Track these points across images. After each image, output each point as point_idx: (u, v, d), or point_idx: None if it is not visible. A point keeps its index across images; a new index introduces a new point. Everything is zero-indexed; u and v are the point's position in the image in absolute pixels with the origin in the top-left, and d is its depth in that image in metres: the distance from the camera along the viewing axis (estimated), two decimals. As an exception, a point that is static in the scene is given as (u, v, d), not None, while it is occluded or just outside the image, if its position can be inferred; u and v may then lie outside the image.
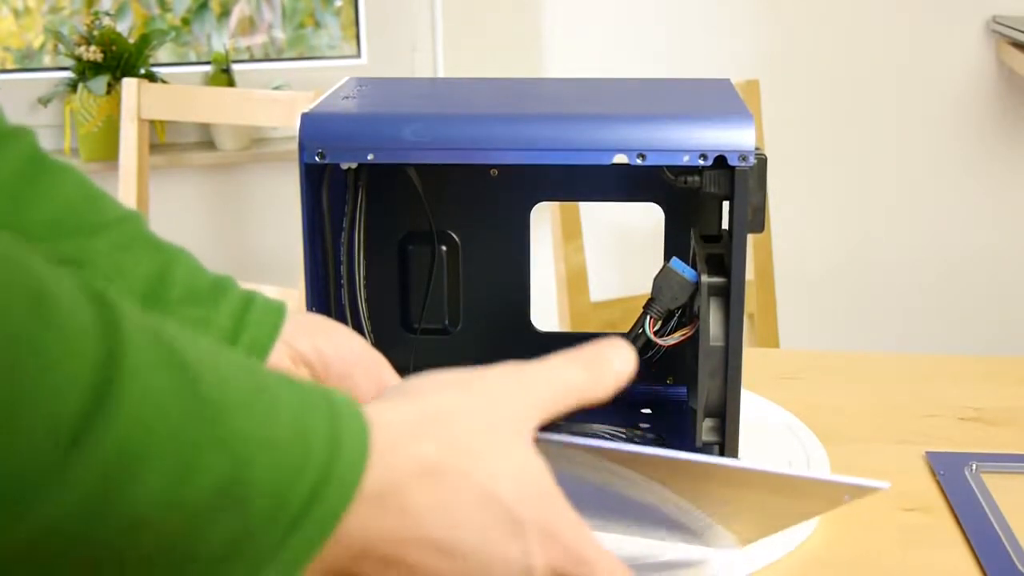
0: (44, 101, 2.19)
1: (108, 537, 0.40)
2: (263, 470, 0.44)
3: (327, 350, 0.74)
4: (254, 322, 0.73)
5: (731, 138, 0.79)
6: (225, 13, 2.39)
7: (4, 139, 0.69)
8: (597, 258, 2.08)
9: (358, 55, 2.37)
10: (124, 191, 1.99)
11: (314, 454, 0.46)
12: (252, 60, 2.41)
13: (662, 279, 0.84)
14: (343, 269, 0.91)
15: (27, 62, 2.37)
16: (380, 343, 0.94)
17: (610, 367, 0.59)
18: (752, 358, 1.07)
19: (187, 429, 0.41)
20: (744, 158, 0.79)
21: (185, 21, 2.38)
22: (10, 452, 0.36)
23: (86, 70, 2.16)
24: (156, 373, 0.41)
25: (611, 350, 0.59)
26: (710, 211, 0.94)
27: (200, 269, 0.74)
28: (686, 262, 0.84)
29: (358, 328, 0.91)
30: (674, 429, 0.92)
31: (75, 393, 0.38)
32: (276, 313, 0.74)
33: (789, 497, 0.67)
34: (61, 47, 2.19)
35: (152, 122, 2.17)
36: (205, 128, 2.27)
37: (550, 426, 0.72)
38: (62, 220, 0.70)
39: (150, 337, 0.41)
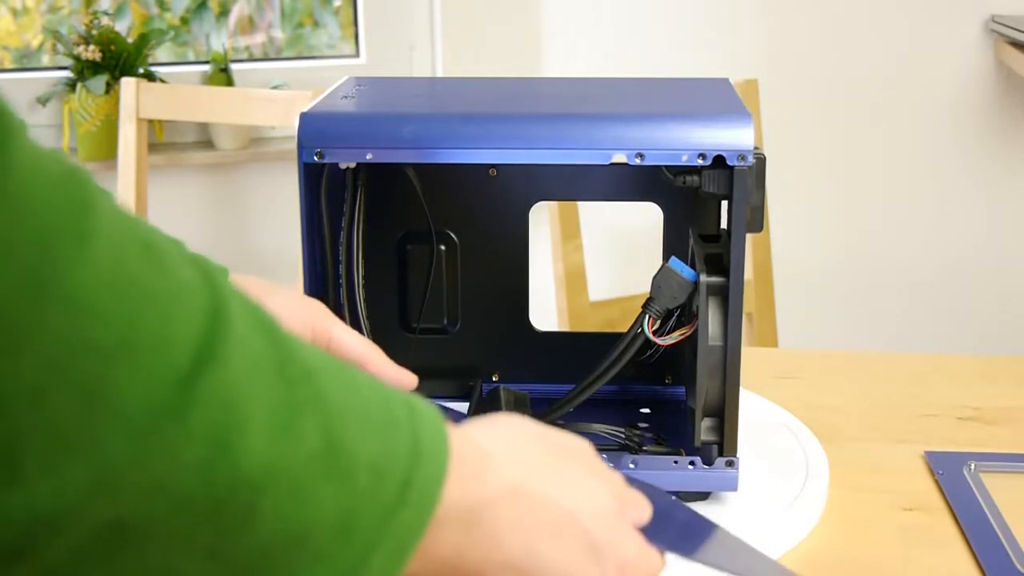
0: (43, 100, 2.19)
1: (221, 496, 0.40)
2: (360, 440, 0.44)
3: None
4: None
5: (730, 138, 0.79)
6: (224, 12, 2.39)
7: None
8: (596, 258, 2.08)
9: (357, 55, 2.37)
10: (123, 190, 1.99)
11: (402, 431, 0.46)
12: (251, 59, 2.41)
13: (661, 279, 0.84)
14: (342, 268, 0.91)
15: (26, 61, 2.37)
16: (379, 343, 0.94)
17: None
18: (751, 357, 1.07)
19: (281, 388, 0.42)
20: (743, 158, 0.79)
21: (184, 20, 2.38)
22: (131, 388, 0.37)
23: (85, 69, 2.16)
24: (252, 333, 0.42)
25: None
26: (709, 210, 0.94)
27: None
28: (685, 262, 0.84)
29: (357, 328, 0.91)
30: (673, 429, 0.92)
31: (188, 339, 0.39)
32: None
33: None
34: (60, 47, 2.19)
35: (151, 121, 2.17)
36: (204, 127, 2.27)
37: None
38: None
39: (244, 300, 0.43)
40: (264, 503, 0.41)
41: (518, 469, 0.52)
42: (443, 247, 0.97)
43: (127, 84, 1.97)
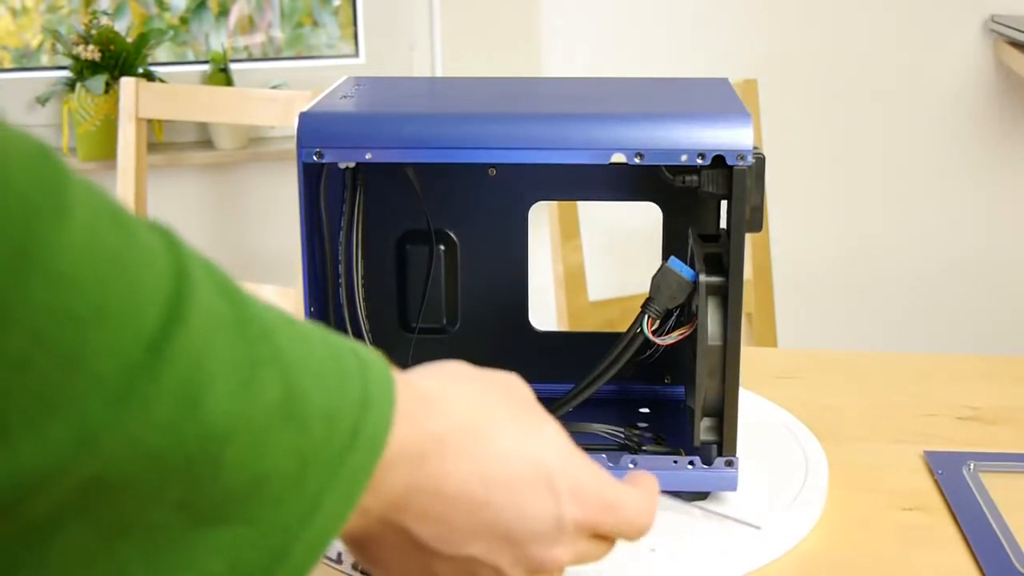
0: (42, 100, 2.19)
1: (190, 450, 0.42)
2: (314, 391, 0.46)
3: None
4: None
5: (729, 137, 0.79)
6: (223, 12, 2.39)
7: None
8: (595, 257, 2.08)
9: (356, 54, 2.37)
10: (122, 190, 1.99)
11: (352, 381, 0.49)
12: (250, 59, 2.41)
13: (660, 278, 0.84)
14: (341, 268, 0.91)
15: (25, 61, 2.37)
16: (378, 342, 0.95)
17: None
18: (750, 357, 1.07)
19: (242, 346, 0.44)
20: (742, 157, 0.79)
21: (183, 20, 2.38)
22: (107, 352, 0.39)
23: (84, 69, 2.16)
24: (214, 294, 0.44)
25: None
26: (708, 210, 0.94)
27: None
28: (684, 261, 0.84)
29: (356, 327, 0.91)
30: (672, 429, 0.92)
31: (156, 303, 0.41)
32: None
33: None
34: (59, 46, 2.19)
35: (150, 121, 2.17)
36: (203, 127, 2.27)
37: None
38: None
39: (204, 262, 0.45)
40: (228, 454, 0.43)
41: (465, 407, 0.55)
42: (442, 247, 0.97)
43: (126, 84, 1.97)
